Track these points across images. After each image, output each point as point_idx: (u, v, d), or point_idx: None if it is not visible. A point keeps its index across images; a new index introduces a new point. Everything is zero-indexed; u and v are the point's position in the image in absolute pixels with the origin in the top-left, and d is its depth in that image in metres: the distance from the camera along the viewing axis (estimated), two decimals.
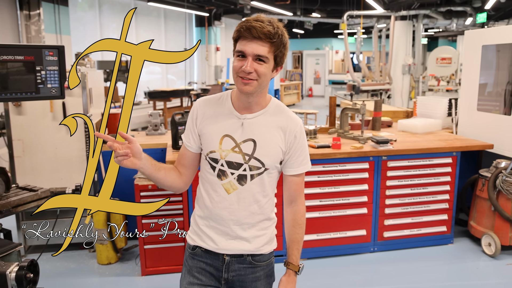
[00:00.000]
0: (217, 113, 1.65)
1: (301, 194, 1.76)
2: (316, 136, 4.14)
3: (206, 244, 1.70)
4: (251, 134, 1.61)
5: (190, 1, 10.86)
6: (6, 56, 2.60)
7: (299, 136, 1.66)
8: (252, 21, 1.48)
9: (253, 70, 1.49)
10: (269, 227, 1.78)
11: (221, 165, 1.63)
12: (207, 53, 14.18)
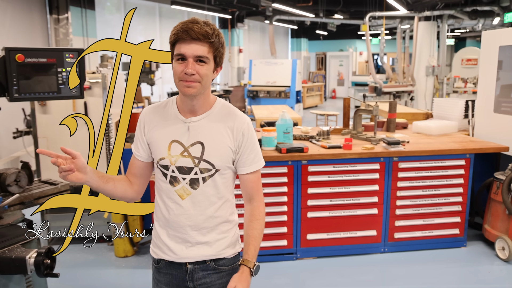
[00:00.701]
0: (163, 119, 1.64)
1: (258, 192, 1.72)
2: (329, 137, 4.20)
3: (167, 256, 1.69)
4: (198, 137, 1.60)
5: (212, 4, 11.03)
6: (31, 59, 2.78)
7: (246, 133, 1.64)
8: (189, 23, 1.48)
9: (195, 72, 1.48)
10: (230, 230, 1.73)
11: (172, 171, 1.62)
12: (230, 55, 14.35)
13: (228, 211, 1.70)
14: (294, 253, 3.82)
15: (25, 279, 2.43)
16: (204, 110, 1.62)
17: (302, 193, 3.70)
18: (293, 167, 3.65)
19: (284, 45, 20.02)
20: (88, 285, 3.52)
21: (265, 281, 3.54)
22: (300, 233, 3.77)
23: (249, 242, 1.67)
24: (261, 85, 12.38)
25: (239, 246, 1.78)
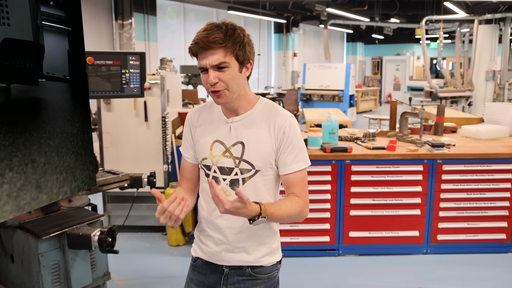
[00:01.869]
0: (207, 120, 1.66)
1: (301, 194, 1.62)
2: (374, 138, 4.28)
3: (205, 255, 1.70)
4: (239, 136, 1.59)
5: (267, 9, 11.30)
6: (98, 61, 3.13)
7: (288, 131, 1.58)
8: (200, 33, 1.47)
9: (218, 80, 1.47)
10: (270, 236, 1.69)
11: (213, 172, 1.62)
12: (284, 59, 14.55)
13: None
14: (336, 250, 3.94)
15: (90, 255, 2.76)
16: (246, 110, 1.61)
17: (345, 191, 3.82)
18: (337, 166, 3.79)
19: (340, 49, 19.96)
20: (142, 269, 3.84)
21: (307, 275, 3.69)
22: (342, 230, 3.89)
23: (275, 203, 1.54)
24: (315, 88, 12.47)
25: (278, 256, 1.74)
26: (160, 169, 4.45)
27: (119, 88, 3.21)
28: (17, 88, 1.75)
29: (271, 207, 1.48)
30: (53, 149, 2.20)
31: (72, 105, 2.22)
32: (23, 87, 1.80)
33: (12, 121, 1.91)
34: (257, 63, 14.11)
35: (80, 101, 2.31)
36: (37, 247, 2.53)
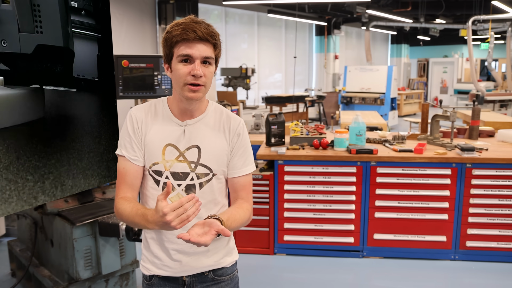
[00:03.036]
0: (155, 121, 1.54)
1: (248, 196, 1.61)
2: (403, 141, 4.27)
3: (162, 271, 1.59)
4: (194, 140, 1.52)
5: (306, 11, 11.34)
6: (133, 64, 3.35)
7: (241, 134, 1.58)
8: (192, 23, 1.41)
9: (202, 74, 1.42)
10: (227, 237, 1.64)
11: (165, 178, 1.52)
12: (325, 61, 14.52)
13: None
14: (360, 251, 3.97)
15: (119, 243, 2.97)
16: (200, 112, 1.55)
17: (370, 193, 3.85)
18: (362, 168, 3.82)
19: (384, 51, 19.62)
20: None
21: (330, 275, 3.74)
22: (367, 232, 3.92)
23: (230, 215, 1.48)
24: (355, 91, 12.37)
25: (236, 254, 1.72)
26: None
27: (151, 89, 3.42)
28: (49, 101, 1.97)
29: (228, 220, 1.43)
30: (80, 171, 2.42)
31: (100, 119, 2.43)
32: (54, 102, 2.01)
33: (45, 139, 2.13)
34: (296, 64, 14.16)
35: (108, 115, 2.52)
36: (72, 233, 2.77)
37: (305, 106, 11.58)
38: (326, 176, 3.87)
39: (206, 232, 1.33)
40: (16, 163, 2.07)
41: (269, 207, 3.98)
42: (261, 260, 4.01)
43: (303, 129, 4.40)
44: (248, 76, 9.71)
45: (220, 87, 9.86)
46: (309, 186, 3.89)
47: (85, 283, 2.95)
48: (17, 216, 3.59)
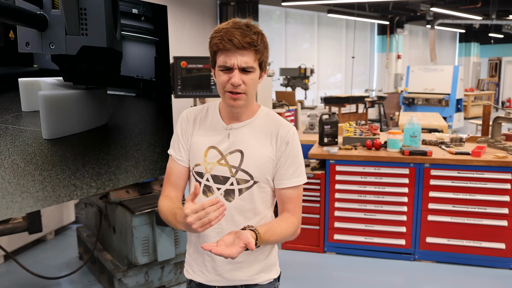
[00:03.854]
0: (203, 124, 1.56)
1: (296, 212, 1.54)
2: (461, 143, 4.15)
3: (197, 276, 1.58)
4: (238, 144, 1.49)
5: (366, 10, 11.16)
6: (191, 65, 3.54)
7: (291, 143, 1.51)
8: (232, 29, 1.38)
9: (241, 82, 1.39)
10: (265, 252, 1.57)
11: (206, 180, 1.51)
12: (387, 61, 14.19)
13: None
14: (412, 254, 3.91)
15: (174, 233, 3.17)
16: (247, 117, 1.52)
17: (423, 195, 3.78)
18: (415, 170, 3.77)
19: (451, 50, 18.79)
20: None
21: (380, 277, 3.73)
22: (419, 235, 3.85)
23: (270, 227, 1.42)
24: (418, 92, 12.00)
25: (275, 272, 1.62)
26: None
27: (208, 89, 3.60)
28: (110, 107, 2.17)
29: (266, 233, 1.38)
30: (135, 178, 2.63)
31: (156, 126, 2.63)
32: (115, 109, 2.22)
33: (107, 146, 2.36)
34: (355, 64, 13.96)
35: (163, 122, 2.71)
36: (131, 221, 3.00)
37: (364, 107, 11.41)
38: (377, 177, 3.85)
39: (235, 243, 1.28)
40: (82, 170, 2.30)
41: (320, 206, 4.03)
42: (311, 258, 4.07)
43: (357, 129, 4.40)
44: (307, 76, 9.75)
45: (278, 87, 9.98)
46: (360, 186, 3.90)
47: (143, 268, 3.18)
48: (85, 205, 3.92)
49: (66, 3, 1.87)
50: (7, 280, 3.67)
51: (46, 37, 1.92)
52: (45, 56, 1.93)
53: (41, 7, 1.94)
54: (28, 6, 1.89)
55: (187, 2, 8.05)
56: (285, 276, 3.70)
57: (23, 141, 2.15)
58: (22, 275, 3.66)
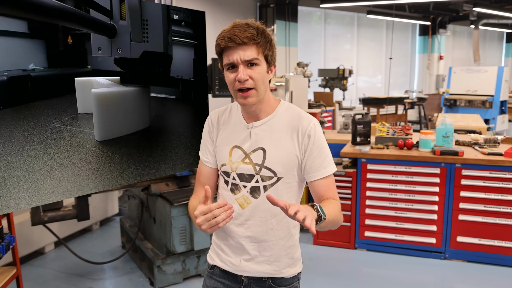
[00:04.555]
0: (227, 125, 1.61)
1: (334, 195, 1.55)
2: (496, 145, 4.14)
3: (224, 264, 1.63)
4: (260, 142, 1.53)
5: (406, 11, 11.05)
6: None
7: (313, 135, 1.52)
8: (230, 29, 1.42)
9: (248, 77, 1.42)
10: (292, 247, 1.63)
11: (233, 179, 1.56)
12: (429, 62, 13.94)
13: (291, 224, 1.60)
14: (442, 253, 3.94)
15: None
16: (267, 114, 1.55)
17: (454, 195, 3.81)
18: (446, 169, 3.80)
19: (497, 51, 18.16)
20: None
21: (410, 274, 3.78)
22: (450, 234, 3.88)
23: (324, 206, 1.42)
24: (460, 93, 11.74)
25: (299, 267, 1.67)
26: None
27: None
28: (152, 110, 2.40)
29: (324, 208, 1.39)
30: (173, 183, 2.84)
31: (193, 129, 2.86)
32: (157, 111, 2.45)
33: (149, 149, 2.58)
34: (396, 65, 13.81)
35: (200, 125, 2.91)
36: (170, 212, 3.23)
37: (404, 109, 11.29)
38: (408, 176, 3.92)
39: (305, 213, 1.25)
40: (128, 171, 2.54)
41: (351, 203, 4.13)
42: (342, 254, 4.18)
43: (389, 129, 4.47)
44: (345, 77, 9.79)
45: (317, 87, 10.07)
46: (391, 185, 3.97)
47: (180, 257, 3.41)
48: (128, 197, 4.20)
49: (132, 15, 2.20)
50: (57, 264, 4.00)
51: (115, 43, 2.26)
52: (97, 58, 2.20)
53: (111, 18, 2.28)
54: (101, 17, 2.23)
55: (227, 4, 8.31)
56: (317, 270, 3.86)
57: (78, 142, 2.42)
58: (70, 260, 3.99)
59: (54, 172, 2.31)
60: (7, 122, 2.13)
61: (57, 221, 3.26)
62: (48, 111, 2.25)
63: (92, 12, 2.11)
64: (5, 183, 2.16)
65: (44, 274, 3.80)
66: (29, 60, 1.96)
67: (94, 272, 3.82)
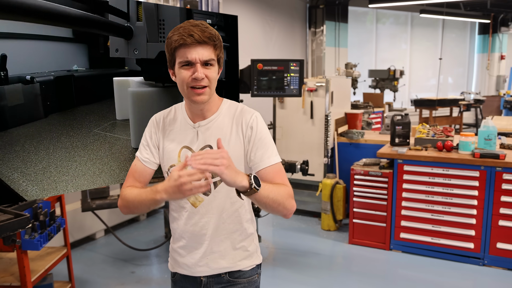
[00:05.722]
0: (172, 126, 1.62)
1: (283, 181, 1.53)
2: None
3: (182, 269, 1.66)
4: (207, 140, 1.56)
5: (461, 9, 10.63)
6: (266, 67, 3.88)
7: (255, 126, 1.55)
8: (189, 27, 1.43)
9: (204, 76, 1.45)
10: (246, 239, 1.66)
11: None
12: (488, 62, 13.30)
13: (243, 217, 1.63)
14: (481, 259, 3.85)
15: None
16: (212, 113, 1.58)
17: (494, 199, 3.71)
18: (486, 173, 3.72)
19: None
20: (294, 243, 4.48)
21: (447, 279, 3.72)
22: (489, 240, 3.78)
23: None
24: None
25: (257, 258, 1.69)
26: (320, 161, 5.02)
27: (282, 89, 3.90)
28: None
29: (265, 185, 1.41)
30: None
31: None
32: None
33: None
34: (453, 66, 13.30)
35: None
36: None
37: (459, 111, 10.88)
38: (446, 178, 3.86)
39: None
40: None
41: (387, 204, 4.13)
42: (376, 254, 4.19)
43: (430, 131, 4.41)
44: (396, 78, 9.61)
45: (367, 88, 9.97)
46: (428, 187, 3.94)
47: None
48: None
49: (148, 16, 2.35)
50: (105, 249, 4.33)
51: (131, 44, 2.41)
52: (134, 60, 2.41)
53: (128, 20, 2.43)
54: (118, 20, 2.40)
55: (276, 6, 8.43)
56: (350, 269, 3.92)
57: (117, 149, 2.61)
58: (117, 247, 4.30)
59: (97, 178, 2.54)
60: (55, 127, 2.38)
61: (104, 208, 3.55)
62: (90, 117, 2.48)
63: (110, 16, 2.31)
64: (55, 186, 2.41)
65: (93, 258, 4.13)
66: (73, 62, 2.21)
67: (138, 258, 4.09)
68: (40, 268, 2.86)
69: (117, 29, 2.38)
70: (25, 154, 2.33)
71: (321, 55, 9.64)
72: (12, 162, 2.25)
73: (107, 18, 2.32)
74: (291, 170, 4.09)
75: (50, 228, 2.74)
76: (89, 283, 3.64)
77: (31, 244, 2.56)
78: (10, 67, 2.03)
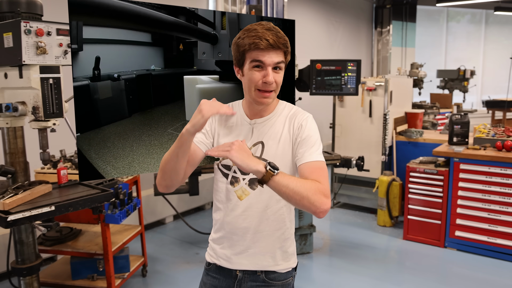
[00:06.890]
0: (228, 121, 1.68)
1: (319, 178, 1.45)
2: None
3: (219, 261, 1.68)
4: (260, 137, 1.61)
5: None
6: (325, 67, 4.10)
7: (305, 125, 1.58)
8: (264, 31, 1.48)
9: (274, 81, 1.50)
10: (286, 240, 1.67)
11: (233, 172, 1.62)
12: None
13: (287, 217, 1.65)
14: None
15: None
16: (269, 112, 1.64)
17: None
18: None
19: None
20: (349, 236, 4.65)
21: (504, 280, 3.70)
22: None
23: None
24: None
25: (294, 261, 1.71)
26: (378, 159, 5.14)
27: (339, 88, 4.10)
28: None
29: (289, 177, 1.40)
30: None
31: None
32: None
33: None
34: None
35: None
36: None
37: None
38: (504, 178, 3.85)
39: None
40: None
41: (442, 202, 4.18)
42: (431, 251, 4.25)
43: (491, 131, 4.38)
44: (466, 78, 9.34)
45: (434, 89, 9.77)
46: (485, 186, 3.94)
47: None
48: None
49: (231, 26, 2.77)
50: (174, 232, 4.78)
51: (216, 49, 2.84)
52: (201, 60, 2.77)
53: (214, 29, 2.86)
54: (206, 28, 2.85)
55: (342, 7, 8.56)
56: (404, 264, 4.05)
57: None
58: (184, 231, 4.74)
59: None
60: (137, 126, 2.77)
61: (173, 194, 3.96)
62: (165, 117, 2.86)
63: (199, 24, 2.69)
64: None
65: (163, 239, 4.59)
66: (151, 63, 2.61)
67: (202, 242, 4.48)
68: (119, 241, 3.31)
69: (205, 35, 2.81)
70: (115, 150, 2.68)
71: (386, 55, 9.61)
72: (105, 156, 2.64)
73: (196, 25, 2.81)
74: (346, 165, 4.27)
75: (128, 206, 3.17)
76: (159, 261, 4.08)
77: (113, 218, 3.00)
78: (102, 67, 2.47)
